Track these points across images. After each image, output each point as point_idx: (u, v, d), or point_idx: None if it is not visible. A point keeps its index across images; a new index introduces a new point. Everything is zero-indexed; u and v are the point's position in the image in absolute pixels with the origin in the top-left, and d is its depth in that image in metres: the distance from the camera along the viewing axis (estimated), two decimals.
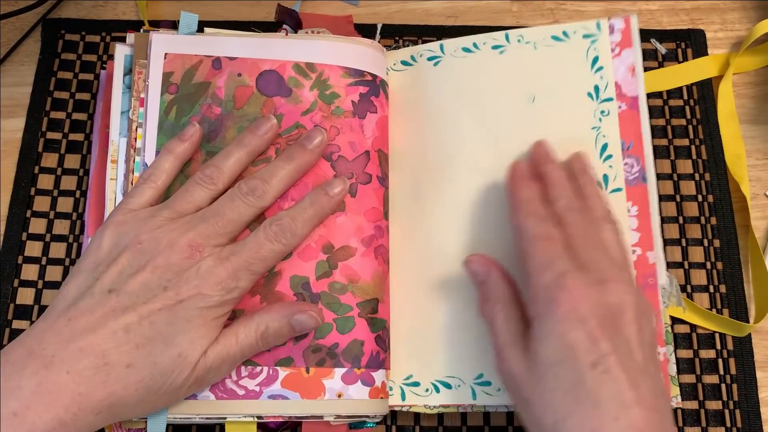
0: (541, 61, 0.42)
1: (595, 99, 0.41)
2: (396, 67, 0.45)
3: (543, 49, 0.42)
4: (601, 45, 0.42)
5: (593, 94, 0.41)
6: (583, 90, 0.41)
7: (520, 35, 0.43)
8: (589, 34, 0.42)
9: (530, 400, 0.32)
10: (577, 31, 0.42)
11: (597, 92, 0.41)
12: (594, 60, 0.42)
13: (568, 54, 0.42)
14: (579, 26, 0.42)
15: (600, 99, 0.41)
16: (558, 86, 0.42)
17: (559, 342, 0.31)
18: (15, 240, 0.44)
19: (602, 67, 0.41)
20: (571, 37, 0.42)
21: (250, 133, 0.39)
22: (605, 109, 0.41)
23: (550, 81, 0.42)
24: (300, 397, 0.37)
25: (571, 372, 0.31)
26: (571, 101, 0.41)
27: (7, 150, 0.47)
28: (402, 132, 0.43)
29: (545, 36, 0.42)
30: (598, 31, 0.42)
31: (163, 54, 0.41)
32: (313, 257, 0.39)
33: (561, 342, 0.31)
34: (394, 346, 0.40)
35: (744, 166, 0.46)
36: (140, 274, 0.34)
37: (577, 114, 0.41)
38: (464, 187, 0.41)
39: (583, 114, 0.41)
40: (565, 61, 0.42)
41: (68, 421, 0.32)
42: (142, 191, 0.37)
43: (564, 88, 0.42)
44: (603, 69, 0.41)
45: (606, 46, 0.42)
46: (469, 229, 0.41)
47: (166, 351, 0.33)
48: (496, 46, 0.43)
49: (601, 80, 0.41)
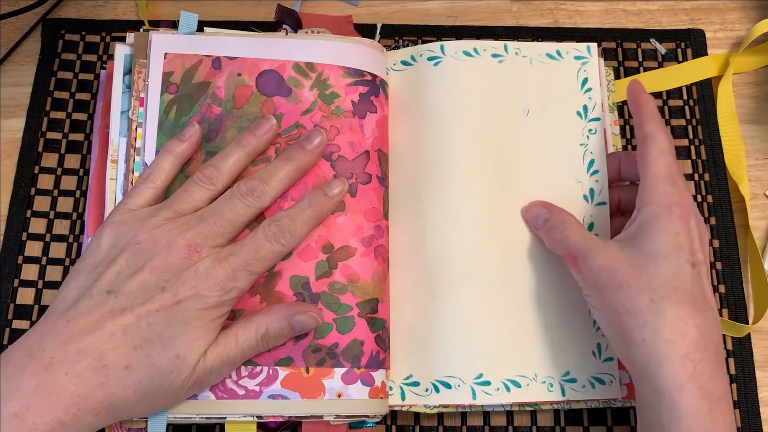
0: (536, 77, 0.44)
1: (583, 118, 0.43)
2: (396, 67, 0.45)
3: (538, 65, 0.44)
4: (591, 67, 0.44)
5: (582, 113, 0.43)
6: (573, 108, 0.44)
7: (517, 48, 0.44)
8: (580, 56, 0.44)
9: (627, 283, 0.35)
10: (569, 52, 0.44)
11: (585, 111, 0.43)
12: (584, 81, 0.44)
13: (561, 73, 0.44)
14: (571, 47, 0.45)
15: (588, 118, 0.43)
16: (550, 102, 0.44)
17: (670, 239, 0.35)
18: (15, 240, 0.44)
19: (591, 88, 0.44)
20: (564, 57, 0.44)
21: (249, 134, 0.39)
22: (592, 128, 0.43)
23: (543, 96, 0.44)
24: (300, 396, 0.37)
25: (674, 265, 0.35)
26: (562, 117, 0.43)
27: (7, 150, 0.47)
28: (402, 132, 0.43)
29: (541, 53, 0.44)
30: (589, 54, 0.44)
31: (162, 54, 0.41)
32: (313, 257, 0.39)
33: (672, 239, 0.35)
34: (393, 346, 0.40)
35: (743, 167, 0.46)
36: (138, 274, 0.34)
37: (568, 130, 0.43)
38: (464, 187, 0.42)
39: (573, 130, 0.43)
40: (558, 79, 0.44)
41: (68, 422, 0.32)
42: (140, 191, 0.37)
43: (556, 104, 0.44)
44: (591, 90, 0.44)
45: (595, 68, 0.44)
46: (468, 229, 0.41)
47: (164, 353, 0.33)
48: (496, 55, 0.44)
49: (590, 101, 0.44)
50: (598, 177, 0.42)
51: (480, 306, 0.40)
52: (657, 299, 0.34)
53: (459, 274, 0.40)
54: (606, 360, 0.40)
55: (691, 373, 0.33)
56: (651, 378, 0.33)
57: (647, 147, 0.38)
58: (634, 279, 0.35)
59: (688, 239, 0.35)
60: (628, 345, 0.34)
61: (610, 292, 0.35)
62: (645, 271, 0.35)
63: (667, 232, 0.35)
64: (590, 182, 0.42)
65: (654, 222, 0.36)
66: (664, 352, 0.33)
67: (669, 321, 0.34)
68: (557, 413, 0.42)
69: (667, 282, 0.34)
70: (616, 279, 0.35)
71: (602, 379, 0.40)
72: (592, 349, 0.40)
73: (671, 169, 0.37)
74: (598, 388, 0.40)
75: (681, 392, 0.32)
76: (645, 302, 0.34)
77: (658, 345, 0.33)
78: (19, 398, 0.31)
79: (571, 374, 0.40)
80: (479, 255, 0.41)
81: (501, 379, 0.39)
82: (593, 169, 0.42)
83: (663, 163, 0.37)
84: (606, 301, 0.35)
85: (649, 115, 0.39)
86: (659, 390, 0.33)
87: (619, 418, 0.42)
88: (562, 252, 0.39)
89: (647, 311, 0.34)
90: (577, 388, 0.40)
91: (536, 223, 0.41)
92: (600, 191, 0.42)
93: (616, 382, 0.40)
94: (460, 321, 0.40)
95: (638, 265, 0.35)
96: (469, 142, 0.42)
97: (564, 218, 0.39)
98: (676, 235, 0.35)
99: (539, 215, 0.40)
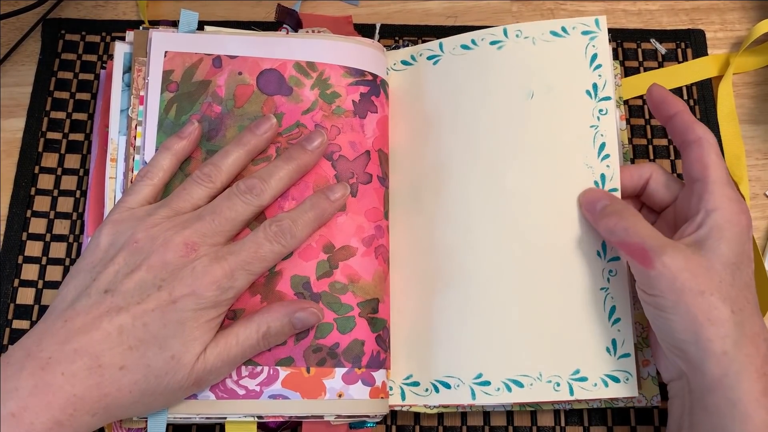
0: (540, 57, 0.41)
1: (593, 97, 0.41)
2: (396, 66, 0.45)
3: (542, 45, 0.42)
4: (600, 42, 0.41)
5: (591, 92, 0.41)
6: (581, 87, 0.41)
7: (518, 30, 0.42)
8: (588, 30, 0.41)
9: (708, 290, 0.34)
10: (576, 27, 0.42)
11: (595, 90, 0.41)
12: (593, 57, 0.41)
13: (567, 50, 0.41)
14: (578, 22, 0.42)
15: (598, 97, 0.40)
16: (556, 83, 0.41)
17: (739, 247, 0.35)
18: (15, 240, 0.44)
19: (601, 65, 0.41)
20: (570, 34, 0.42)
21: (249, 133, 0.39)
22: (603, 108, 0.40)
23: (548, 77, 0.41)
24: (300, 396, 0.37)
25: (745, 275, 0.35)
26: (569, 98, 0.41)
27: (7, 150, 0.47)
28: (402, 132, 0.43)
29: (544, 31, 0.42)
30: (597, 28, 0.41)
31: (163, 52, 0.41)
32: (314, 257, 0.38)
33: (742, 248, 0.35)
34: (394, 346, 0.40)
35: (743, 167, 0.46)
36: (136, 273, 0.34)
37: (576, 112, 0.41)
38: (464, 187, 0.41)
39: (582, 112, 0.41)
40: (564, 57, 0.41)
41: (65, 421, 0.32)
42: (139, 189, 0.37)
43: (562, 84, 0.41)
44: (602, 67, 0.41)
45: (604, 43, 0.41)
46: (469, 229, 0.41)
47: (159, 353, 0.33)
48: (495, 42, 0.42)
49: (600, 78, 0.41)
50: (609, 161, 0.40)
51: (481, 305, 0.40)
52: (736, 310, 0.33)
53: (459, 273, 0.40)
54: (622, 356, 0.38)
55: (765, 387, 0.33)
56: (726, 389, 0.33)
57: (704, 150, 0.37)
58: (714, 286, 0.34)
59: (750, 248, 0.35)
60: (704, 354, 0.33)
61: (689, 297, 0.33)
62: (722, 279, 0.34)
63: (739, 241, 0.35)
64: (601, 167, 0.40)
65: (728, 228, 0.35)
66: (743, 365, 0.33)
67: (748, 334, 0.33)
68: (557, 413, 0.42)
69: (741, 292, 0.34)
70: (697, 283, 0.34)
71: (617, 377, 0.38)
72: (606, 345, 0.38)
73: (727, 172, 0.37)
74: (612, 387, 0.38)
75: (757, 406, 0.32)
76: (727, 312, 0.33)
77: (738, 357, 0.33)
78: (16, 398, 0.31)
79: (582, 372, 0.38)
80: (480, 254, 0.40)
81: (501, 379, 0.39)
82: (604, 152, 0.40)
83: (722, 166, 0.37)
84: (683, 305, 0.34)
85: (693, 117, 0.38)
86: (733, 402, 0.33)
87: (619, 418, 0.42)
88: (627, 242, 0.36)
89: (729, 322, 0.33)
90: (588, 387, 0.38)
91: (592, 208, 0.38)
92: (612, 177, 0.39)
93: (633, 379, 0.38)
94: (460, 321, 0.40)
95: (715, 271, 0.34)
96: (470, 139, 0.42)
97: (627, 206, 0.38)
98: (745, 244, 0.35)
99: (598, 200, 0.38)
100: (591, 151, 0.40)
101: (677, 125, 0.38)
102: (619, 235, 0.36)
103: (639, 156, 0.47)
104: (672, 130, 0.39)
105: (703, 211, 0.36)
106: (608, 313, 0.39)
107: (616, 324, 0.38)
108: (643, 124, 0.48)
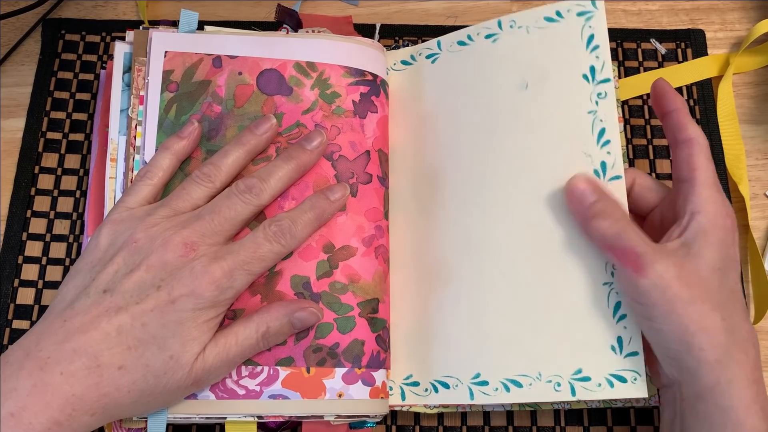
0: (534, 45, 0.40)
1: (591, 81, 0.39)
2: (396, 66, 0.45)
3: (536, 32, 0.40)
4: (597, 22, 0.39)
5: (589, 76, 0.39)
6: (578, 72, 0.39)
7: (512, 20, 0.41)
8: (583, 11, 0.40)
9: (700, 297, 0.33)
10: (571, 9, 0.40)
11: (593, 73, 0.39)
12: (589, 39, 0.39)
13: (562, 34, 0.40)
14: (573, 4, 0.40)
15: (596, 80, 0.39)
16: (551, 70, 0.40)
17: (724, 251, 0.35)
18: (15, 240, 0.44)
19: (598, 45, 0.39)
20: (565, 17, 0.40)
21: (249, 132, 0.39)
22: (602, 91, 0.38)
23: (543, 65, 0.40)
24: (300, 396, 0.37)
25: (731, 280, 0.35)
26: (565, 85, 0.39)
27: (7, 150, 0.47)
28: (402, 132, 0.43)
29: (538, 18, 0.41)
30: (594, 7, 0.40)
31: (163, 52, 0.41)
32: (314, 257, 0.38)
33: (727, 252, 0.35)
34: (394, 346, 0.40)
35: (743, 167, 0.46)
36: (135, 273, 0.34)
37: (572, 97, 0.39)
38: (464, 186, 0.41)
39: (578, 97, 0.39)
40: (559, 42, 0.40)
41: (63, 421, 0.32)
42: (139, 189, 0.37)
43: (558, 71, 0.40)
44: (599, 48, 0.39)
45: (602, 23, 0.39)
46: (469, 228, 0.41)
47: (158, 354, 0.33)
48: (490, 35, 0.42)
49: (597, 60, 0.39)
50: (610, 147, 0.37)
51: (480, 305, 0.39)
52: (726, 317, 0.33)
53: (459, 272, 0.40)
54: (629, 355, 0.36)
55: (756, 393, 0.33)
56: (718, 397, 0.33)
57: (694, 151, 0.36)
58: (704, 293, 0.33)
59: (736, 252, 0.35)
60: (697, 363, 0.33)
61: (680, 306, 0.33)
62: (711, 285, 0.34)
63: (724, 244, 0.35)
64: (601, 154, 0.38)
65: (712, 232, 0.35)
66: (735, 372, 0.33)
67: (738, 341, 0.33)
68: (557, 413, 0.42)
69: (728, 298, 0.34)
70: (689, 292, 0.33)
71: (623, 377, 0.36)
72: (611, 343, 0.36)
73: (715, 175, 0.36)
74: (618, 387, 0.36)
75: (748, 413, 0.32)
76: (718, 320, 0.33)
77: (731, 365, 0.33)
78: (15, 398, 0.31)
79: (584, 372, 0.36)
80: (480, 254, 0.40)
81: (499, 379, 0.38)
82: (604, 138, 0.38)
83: (711, 169, 0.36)
84: (674, 314, 0.33)
85: (689, 117, 0.38)
86: (726, 409, 0.33)
87: (619, 418, 0.42)
88: (620, 247, 0.34)
89: (720, 330, 0.33)
90: (592, 387, 0.36)
91: (580, 204, 0.36)
92: (613, 164, 0.37)
93: (642, 379, 0.35)
94: (459, 320, 0.40)
95: (703, 277, 0.34)
96: (470, 137, 0.42)
97: (617, 206, 0.36)
98: (729, 248, 0.35)
99: (585, 194, 0.36)
100: (590, 138, 0.38)
101: (672, 123, 0.38)
102: (610, 240, 0.35)
103: (639, 156, 0.47)
104: (666, 127, 0.39)
105: (689, 213, 0.35)
106: (612, 309, 0.37)
107: (622, 321, 0.36)
108: (642, 125, 0.48)
